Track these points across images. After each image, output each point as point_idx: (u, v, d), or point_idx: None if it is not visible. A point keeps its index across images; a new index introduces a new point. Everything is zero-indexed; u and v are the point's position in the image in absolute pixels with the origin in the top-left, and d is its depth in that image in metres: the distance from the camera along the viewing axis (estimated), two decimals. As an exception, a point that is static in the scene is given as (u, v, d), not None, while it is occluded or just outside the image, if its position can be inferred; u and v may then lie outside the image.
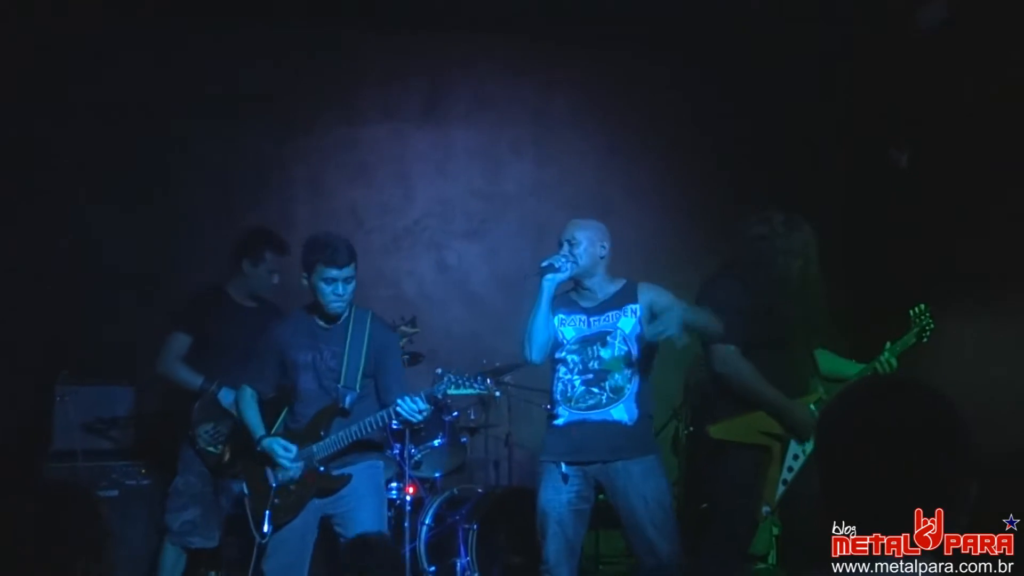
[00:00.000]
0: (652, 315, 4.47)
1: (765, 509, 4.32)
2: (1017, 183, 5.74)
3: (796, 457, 4.38)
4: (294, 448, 4.46)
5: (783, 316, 4.46)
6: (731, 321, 4.39)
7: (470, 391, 4.40)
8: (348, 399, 4.48)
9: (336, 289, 4.41)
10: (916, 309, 4.86)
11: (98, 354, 6.06)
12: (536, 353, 4.45)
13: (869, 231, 7.00)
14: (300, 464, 4.45)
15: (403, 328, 5.60)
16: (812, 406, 4.44)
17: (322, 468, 4.46)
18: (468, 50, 7.45)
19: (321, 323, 4.56)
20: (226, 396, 5.21)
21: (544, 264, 4.45)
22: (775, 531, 6.28)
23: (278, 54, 7.04)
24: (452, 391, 4.36)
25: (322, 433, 4.47)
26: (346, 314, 4.56)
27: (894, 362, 4.67)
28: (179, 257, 6.61)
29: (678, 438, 6.86)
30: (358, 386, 4.50)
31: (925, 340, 4.80)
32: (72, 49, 6.50)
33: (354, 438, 4.41)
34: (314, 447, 4.46)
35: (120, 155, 6.56)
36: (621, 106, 7.61)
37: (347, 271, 4.40)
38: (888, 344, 4.73)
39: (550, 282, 4.44)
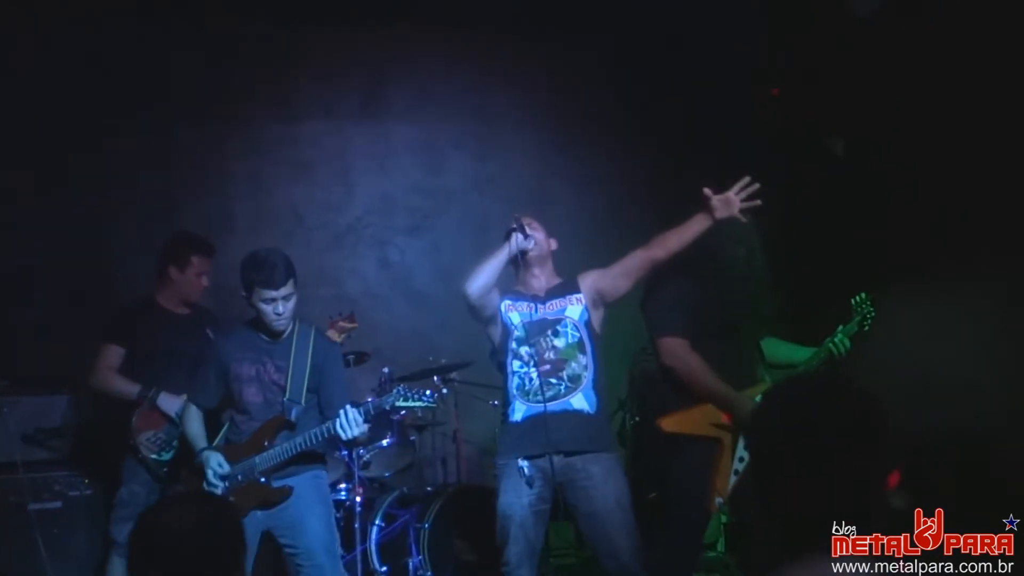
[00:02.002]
0: (599, 296, 4.49)
1: (718, 500, 4.37)
2: (951, 170, 5.83)
3: (747, 448, 4.43)
4: (227, 467, 4.42)
5: (730, 305, 4.53)
6: (680, 314, 4.44)
7: (418, 403, 4.43)
8: (294, 412, 4.45)
9: (276, 308, 4.38)
10: (857, 298, 4.93)
11: (36, 363, 5.94)
12: (475, 288, 4.39)
13: (808, 219, 7.08)
14: (224, 484, 4.40)
15: (341, 323, 5.54)
16: (759, 398, 4.49)
17: (263, 479, 4.41)
18: (407, 45, 7.40)
19: (265, 337, 4.53)
20: (165, 403, 5.15)
21: (518, 224, 4.47)
22: (723, 519, 6.37)
23: (215, 50, 6.93)
24: (400, 403, 4.38)
25: (266, 444, 4.43)
26: (290, 328, 4.53)
27: (848, 343, 4.74)
28: (117, 260, 6.48)
29: (625, 428, 6.90)
30: (303, 400, 4.47)
31: (867, 328, 4.88)
32: (3, 46, 6.35)
33: (298, 450, 4.38)
34: (256, 458, 4.41)
35: (55, 155, 6.41)
36: (561, 100, 7.61)
37: (285, 290, 4.36)
38: (840, 327, 4.80)
39: (518, 243, 4.43)
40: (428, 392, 4.41)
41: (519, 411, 4.37)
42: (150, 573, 2.17)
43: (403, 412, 6.21)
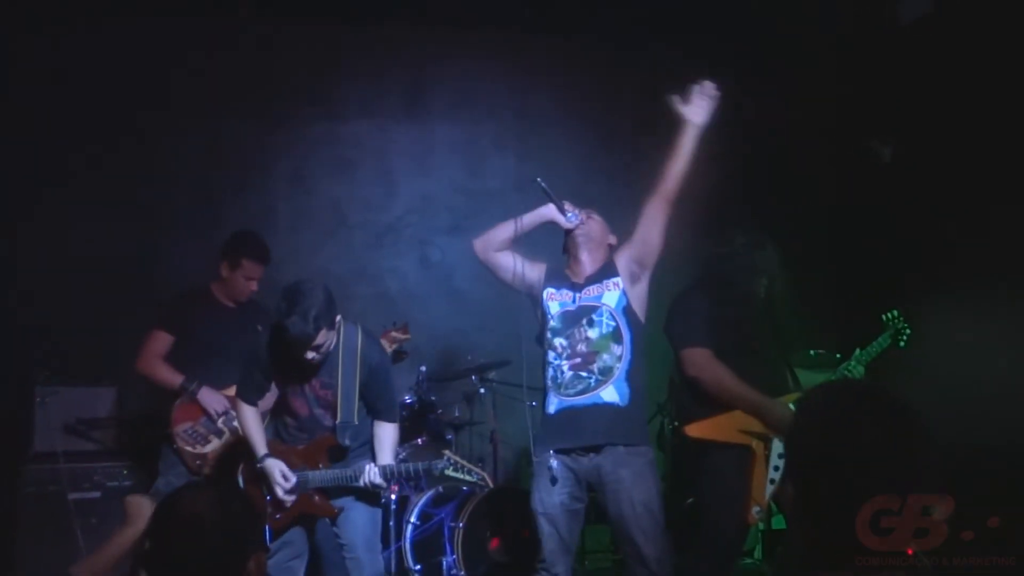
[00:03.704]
0: (638, 265, 4.39)
1: (756, 509, 4.30)
2: (1000, 177, 5.75)
3: (781, 456, 4.37)
4: (293, 479, 4.39)
5: (752, 329, 4.51)
6: (701, 325, 4.43)
7: (467, 477, 4.36)
8: (348, 437, 4.39)
9: (307, 355, 4.22)
10: (889, 315, 4.89)
11: (79, 354, 6.00)
12: (479, 240, 4.47)
13: (855, 225, 7.01)
14: (294, 497, 4.40)
15: (393, 334, 5.56)
16: (792, 405, 4.43)
17: (316, 498, 4.42)
18: (450, 44, 7.40)
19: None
20: (206, 397, 5.18)
21: (546, 192, 4.42)
22: (760, 527, 6.30)
23: (259, 49, 6.98)
24: (450, 472, 4.31)
25: (320, 466, 4.42)
26: (334, 339, 4.36)
27: (861, 370, 4.70)
28: (161, 254, 6.55)
29: (663, 433, 6.86)
30: (355, 417, 4.39)
31: (903, 344, 4.83)
32: (48, 44, 6.43)
33: (348, 483, 4.34)
34: (310, 475, 4.41)
35: (101, 151, 6.49)
36: (604, 100, 7.58)
37: (316, 341, 4.15)
38: (857, 352, 4.75)
39: (551, 211, 4.44)
40: (477, 472, 4.37)
41: (552, 404, 4.31)
42: (169, 558, 2.19)
43: (440, 411, 6.22)
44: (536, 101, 7.61)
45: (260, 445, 4.47)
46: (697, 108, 4.38)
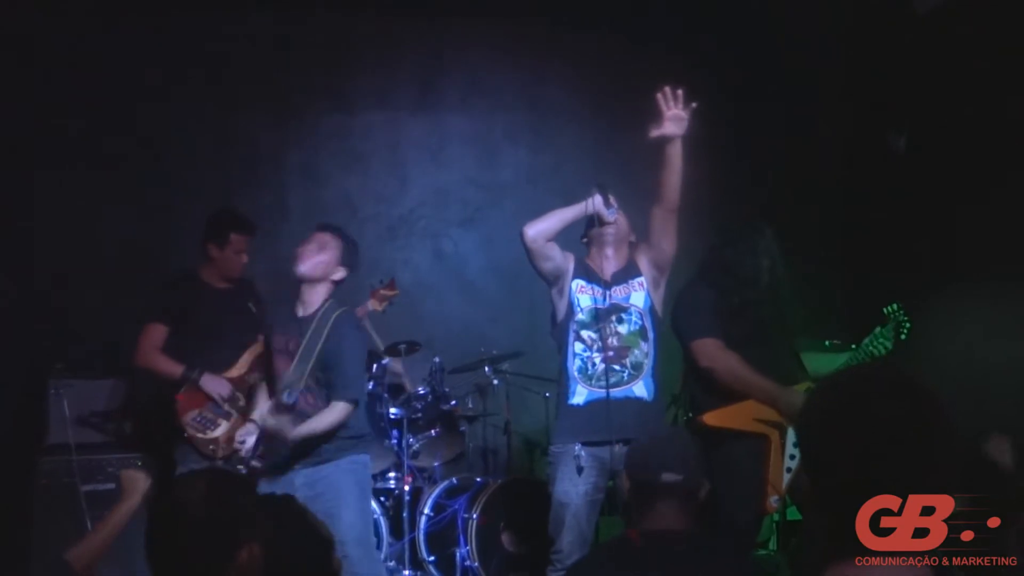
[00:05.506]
0: (657, 270, 4.51)
1: (774, 499, 4.31)
2: (1016, 166, 5.72)
3: (796, 445, 4.36)
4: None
5: (757, 315, 4.50)
6: (708, 317, 4.45)
7: None
8: (292, 396, 4.37)
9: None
10: (890, 308, 4.88)
11: (90, 347, 6.02)
12: (532, 230, 4.41)
13: (868, 216, 6.97)
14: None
15: (381, 292, 5.53)
16: (804, 391, 4.44)
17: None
18: (462, 36, 7.38)
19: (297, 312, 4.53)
20: (209, 383, 5.18)
21: (602, 188, 4.49)
22: (775, 517, 6.28)
23: (271, 40, 6.98)
24: None
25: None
26: (316, 308, 4.47)
27: (881, 348, 4.69)
28: (173, 246, 6.54)
29: (677, 424, 6.84)
30: (303, 383, 4.37)
31: (903, 337, 4.82)
32: (61, 36, 6.44)
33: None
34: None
35: (111, 144, 6.49)
36: (617, 92, 7.53)
37: None
38: (879, 328, 4.75)
39: (596, 205, 4.46)
40: None
41: (580, 394, 4.35)
42: (159, 545, 2.21)
43: (453, 403, 6.22)
44: (549, 92, 7.56)
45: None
46: (672, 122, 4.33)
